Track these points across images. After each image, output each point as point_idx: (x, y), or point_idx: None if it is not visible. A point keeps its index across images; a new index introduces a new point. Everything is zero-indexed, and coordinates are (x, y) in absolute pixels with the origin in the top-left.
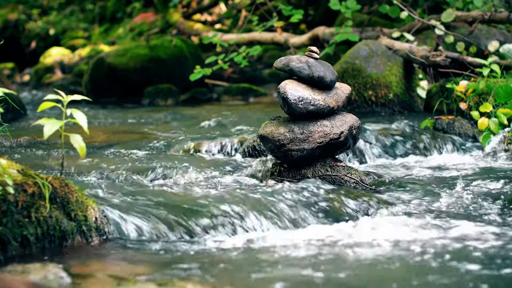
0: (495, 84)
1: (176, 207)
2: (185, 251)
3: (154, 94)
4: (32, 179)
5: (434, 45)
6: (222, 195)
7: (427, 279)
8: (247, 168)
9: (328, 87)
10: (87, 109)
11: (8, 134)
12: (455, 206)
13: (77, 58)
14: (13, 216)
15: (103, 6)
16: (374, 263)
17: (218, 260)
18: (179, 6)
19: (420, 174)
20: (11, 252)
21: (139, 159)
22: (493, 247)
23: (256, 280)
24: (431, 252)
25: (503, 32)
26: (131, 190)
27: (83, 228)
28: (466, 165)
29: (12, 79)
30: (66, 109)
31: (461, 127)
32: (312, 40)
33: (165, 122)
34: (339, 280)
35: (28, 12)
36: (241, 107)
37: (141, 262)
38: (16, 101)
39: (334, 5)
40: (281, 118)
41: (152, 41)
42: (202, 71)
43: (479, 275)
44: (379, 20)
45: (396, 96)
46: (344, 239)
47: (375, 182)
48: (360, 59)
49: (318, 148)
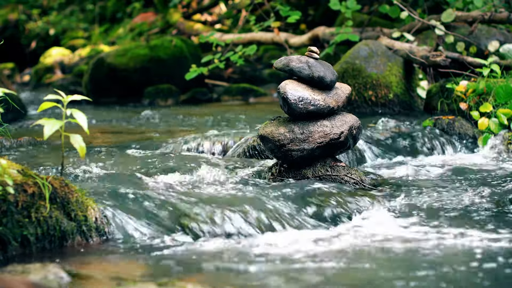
0: (495, 84)
1: (176, 207)
2: (185, 251)
3: (154, 94)
4: (32, 179)
5: (434, 45)
6: (222, 195)
7: (427, 279)
8: (247, 169)
9: (328, 87)
10: (87, 109)
11: (8, 134)
12: (455, 206)
13: (77, 58)
14: (13, 216)
15: (103, 6)
16: (374, 263)
17: (218, 260)
18: (179, 6)
19: (420, 174)
20: (11, 252)
21: (139, 159)
22: (493, 247)
23: (256, 280)
24: (431, 252)
25: (503, 32)
26: (131, 190)
27: (83, 228)
28: (466, 165)
29: (12, 79)
30: (66, 109)
31: (461, 127)
32: (312, 40)
33: (165, 122)
34: (339, 280)
35: (28, 12)
36: (241, 107)
37: (141, 262)
38: (16, 101)
39: (334, 5)
40: (281, 118)
41: (152, 41)
42: (198, 70)
43: (479, 275)
44: (379, 20)
45: (396, 96)
46: (344, 239)
47: (375, 182)
48: (360, 59)
49: (318, 148)
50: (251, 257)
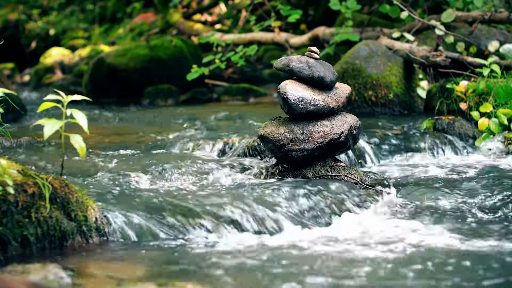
0: (495, 84)
1: (176, 207)
2: (185, 251)
3: (154, 94)
4: (32, 179)
5: (434, 45)
6: (222, 195)
7: (427, 279)
8: (247, 169)
9: (328, 87)
10: (87, 110)
11: (8, 135)
12: (455, 207)
13: (77, 58)
14: (13, 216)
15: (103, 6)
16: (374, 263)
17: (218, 260)
18: (179, 7)
19: (420, 174)
20: (11, 252)
21: (139, 159)
22: (493, 248)
23: (256, 280)
24: (431, 252)
25: (503, 32)
26: (131, 190)
27: (83, 228)
28: (466, 165)
29: (12, 80)
30: (66, 109)
31: (461, 127)
32: (312, 40)
33: (165, 122)
34: (339, 280)
35: (28, 12)
36: (241, 107)
37: (141, 262)
38: (16, 102)
39: (334, 5)
40: (281, 118)
41: (152, 41)
42: (199, 70)
43: (479, 275)
44: (379, 20)
45: (396, 96)
46: (344, 239)
47: (375, 183)
48: (360, 59)
49: (318, 148)
50: (251, 257)
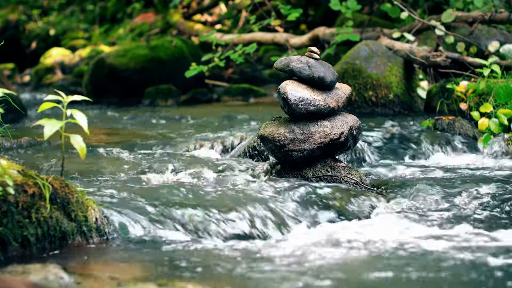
0: (496, 84)
1: (176, 207)
2: (185, 251)
3: (154, 95)
4: (33, 179)
5: (434, 45)
6: (222, 195)
7: (427, 278)
8: (247, 169)
9: (329, 88)
10: (87, 110)
11: (8, 135)
12: (455, 207)
13: (78, 59)
14: (13, 216)
15: (103, 6)
16: (374, 263)
17: (218, 260)
18: (179, 7)
19: (420, 174)
20: (11, 252)
21: (139, 159)
22: (493, 247)
23: (256, 280)
24: (431, 252)
25: (504, 32)
26: (131, 190)
27: (84, 228)
28: (466, 165)
29: (13, 80)
30: (66, 109)
31: (461, 127)
32: (312, 40)
33: (165, 123)
34: (339, 280)
35: (28, 13)
36: (242, 108)
37: (141, 262)
38: (17, 102)
39: (335, 5)
40: (281, 118)
41: (152, 42)
42: (198, 68)
43: (479, 274)
44: (380, 20)
45: (397, 97)
46: (344, 240)
47: (375, 183)
48: (361, 60)
49: (319, 149)
50: (251, 257)
